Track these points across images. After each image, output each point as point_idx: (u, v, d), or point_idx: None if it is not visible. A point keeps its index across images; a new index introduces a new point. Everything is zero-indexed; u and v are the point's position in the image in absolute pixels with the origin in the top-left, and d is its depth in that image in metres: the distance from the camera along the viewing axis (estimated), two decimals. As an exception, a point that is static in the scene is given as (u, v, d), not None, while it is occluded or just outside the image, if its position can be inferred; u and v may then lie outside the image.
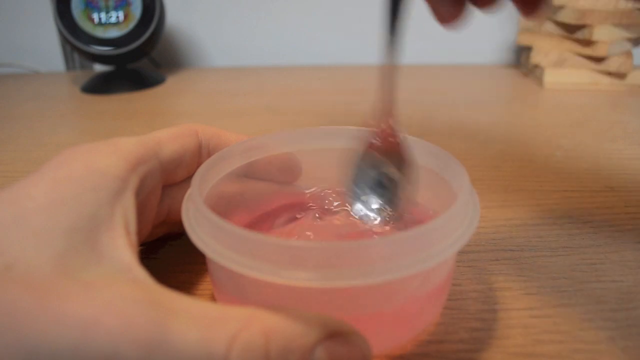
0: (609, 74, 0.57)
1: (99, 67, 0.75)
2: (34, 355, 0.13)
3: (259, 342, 0.14)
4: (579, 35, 0.55)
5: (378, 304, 0.19)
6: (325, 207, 0.27)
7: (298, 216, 0.26)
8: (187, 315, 0.15)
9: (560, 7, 0.55)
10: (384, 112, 0.23)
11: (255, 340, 0.14)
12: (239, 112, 0.53)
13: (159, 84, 0.65)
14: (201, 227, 0.19)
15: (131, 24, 0.61)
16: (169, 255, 0.26)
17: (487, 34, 0.71)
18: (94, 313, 0.14)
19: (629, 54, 0.56)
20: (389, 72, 0.22)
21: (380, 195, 0.24)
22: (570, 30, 0.56)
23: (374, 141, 0.23)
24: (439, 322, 0.21)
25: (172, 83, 0.66)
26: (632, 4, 0.51)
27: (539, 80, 0.60)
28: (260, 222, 0.26)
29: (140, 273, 0.17)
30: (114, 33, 0.61)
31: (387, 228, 0.24)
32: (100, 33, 0.61)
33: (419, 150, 0.24)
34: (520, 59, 0.69)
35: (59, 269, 0.15)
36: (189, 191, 0.21)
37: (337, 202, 0.27)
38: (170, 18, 0.72)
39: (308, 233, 0.24)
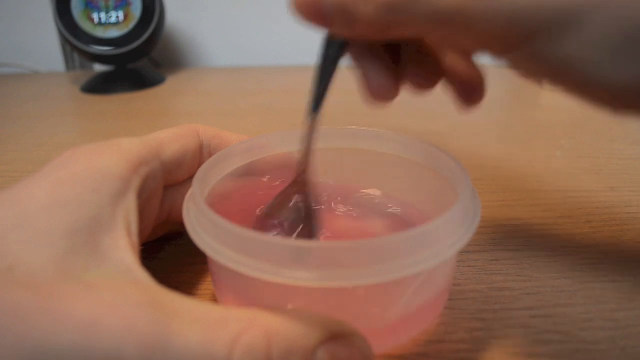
0: (609, 73, 0.57)
1: (99, 67, 0.75)
2: (36, 357, 0.13)
3: (261, 344, 0.14)
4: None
5: (379, 304, 0.19)
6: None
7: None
8: (188, 317, 0.15)
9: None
10: (300, 166, 0.23)
11: (257, 343, 0.14)
12: (239, 112, 0.53)
13: (159, 84, 0.65)
14: (202, 227, 0.19)
15: (131, 24, 0.61)
16: (170, 255, 0.26)
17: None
18: (96, 314, 0.14)
19: (628, 54, 0.56)
20: (309, 135, 0.23)
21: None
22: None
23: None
24: (439, 322, 0.21)
25: (172, 83, 0.66)
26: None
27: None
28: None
29: (142, 274, 0.17)
30: (114, 33, 0.61)
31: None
32: (100, 33, 0.61)
33: (419, 150, 0.24)
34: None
35: (60, 270, 0.15)
36: (190, 191, 0.21)
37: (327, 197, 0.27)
38: (170, 18, 0.72)
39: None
